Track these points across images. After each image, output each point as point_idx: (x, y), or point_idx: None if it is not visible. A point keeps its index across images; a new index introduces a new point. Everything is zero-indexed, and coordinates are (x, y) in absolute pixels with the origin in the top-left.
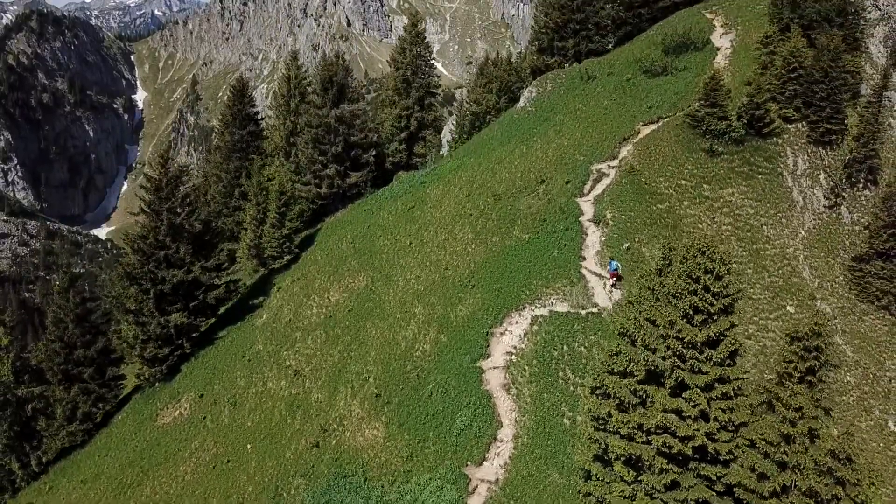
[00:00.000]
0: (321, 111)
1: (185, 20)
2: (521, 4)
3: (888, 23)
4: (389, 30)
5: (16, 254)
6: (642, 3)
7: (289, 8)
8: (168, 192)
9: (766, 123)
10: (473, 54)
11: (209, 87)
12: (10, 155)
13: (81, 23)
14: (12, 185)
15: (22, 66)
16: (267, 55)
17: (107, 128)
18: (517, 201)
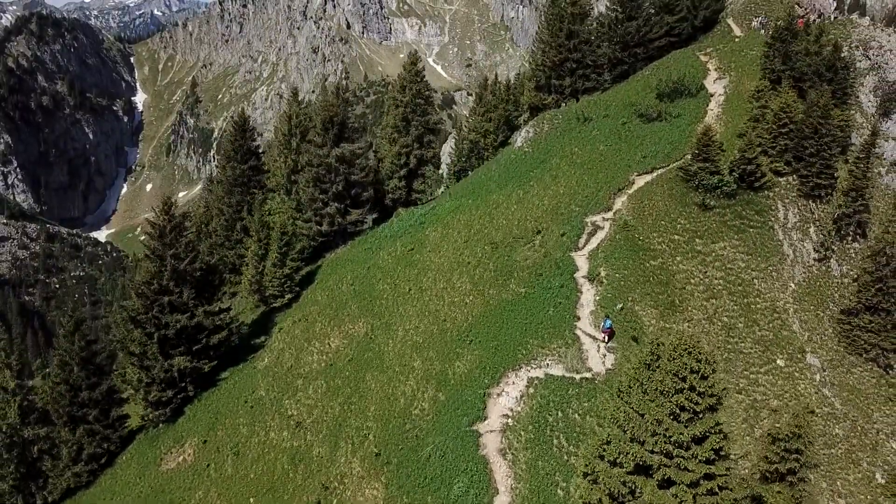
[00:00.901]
0: (322, 151)
1: (185, 22)
2: (521, 7)
3: (878, 73)
4: (389, 32)
5: (16, 257)
6: (637, 43)
7: (288, 10)
8: (172, 238)
9: (757, 177)
10: (473, 56)
11: (209, 89)
12: (10, 158)
13: (81, 25)
14: (12, 188)
15: (22, 69)
16: (266, 57)
17: (106, 130)
18: (514, 251)
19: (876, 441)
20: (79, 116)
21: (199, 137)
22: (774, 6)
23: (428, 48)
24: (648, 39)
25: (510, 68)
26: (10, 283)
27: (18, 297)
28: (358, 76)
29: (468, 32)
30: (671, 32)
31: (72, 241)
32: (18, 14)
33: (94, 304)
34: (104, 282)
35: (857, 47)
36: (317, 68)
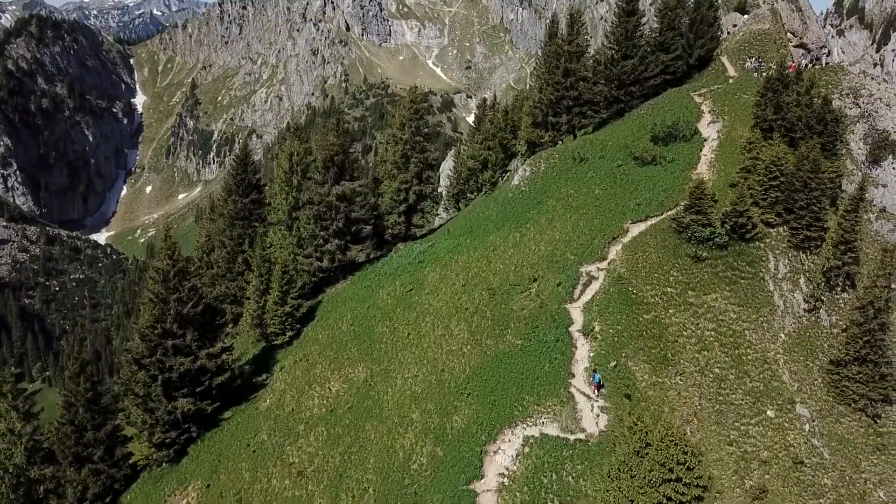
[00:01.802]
0: (322, 189)
1: (185, 24)
2: (520, 9)
3: (868, 121)
4: (388, 34)
5: (16, 260)
6: (633, 82)
7: (288, 12)
8: (176, 283)
9: (748, 229)
10: (472, 58)
11: (208, 91)
12: (10, 160)
13: (81, 27)
14: (12, 191)
15: (21, 71)
16: (266, 59)
17: (106, 132)
18: (511, 299)
19: (864, 490)
20: (78, 118)
21: (198, 139)
22: (767, 46)
23: (427, 50)
24: (644, 78)
25: (509, 70)
26: (10, 286)
27: (18, 301)
28: (357, 78)
29: (467, 34)
30: (667, 70)
31: (72, 244)
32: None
33: (94, 307)
34: (104, 284)
35: (847, 95)
36: (316, 70)
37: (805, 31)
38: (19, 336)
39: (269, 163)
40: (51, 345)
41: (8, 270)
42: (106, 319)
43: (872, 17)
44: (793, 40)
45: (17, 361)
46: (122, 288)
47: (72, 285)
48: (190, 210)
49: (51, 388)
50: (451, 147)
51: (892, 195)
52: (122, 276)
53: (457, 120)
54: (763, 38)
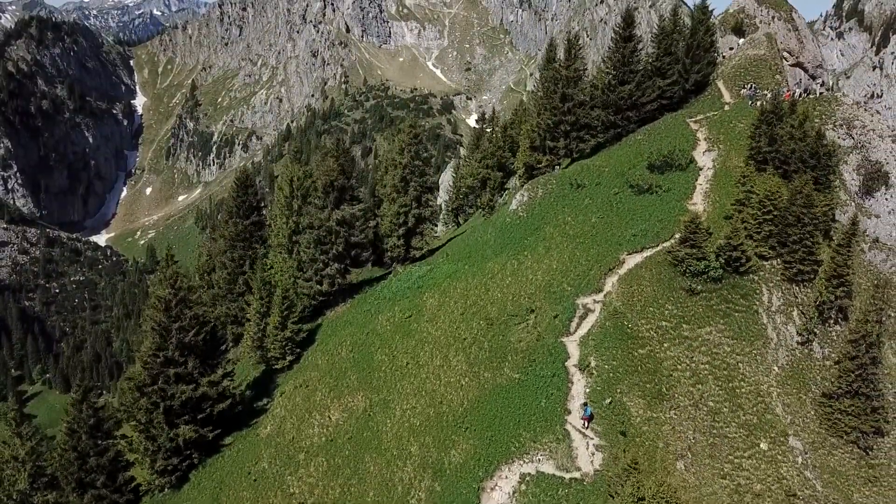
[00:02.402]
0: (323, 214)
1: (185, 25)
2: (520, 10)
3: (861, 152)
4: (388, 36)
5: (16, 262)
6: (630, 107)
7: (288, 14)
8: (178, 311)
9: (742, 262)
10: (472, 60)
11: (208, 92)
12: (10, 162)
13: (81, 28)
14: (12, 193)
15: (21, 73)
16: (266, 61)
17: (106, 134)
18: (508, 330)
19: None
20: (78, 120)
21: (198, 141)
22: (763, 72)
23: (427, 52)
24: (641, 103)
25: (509, 72)
26: (10, 288)
27: (18, 303)
28: (357, 80)
29: (467, 36)
30: (663, 95)
31: (72, 246)
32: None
33: (94, 309)
34: (104, 286)
35: (840, 126)
36: (316, 72)
37: (801, 50)
38: (19, 338)
39: (269, 165)
40: (51, 347)
41: (8, 272)
42: (106, 321)
43: (872, 20)
44: (789, 59)
45: (17, 363)
46: (122, 290)
47: (72, 287)
48: (190, 212)
49: (51, 390)
50: (451, 149)
51: (885, 225)
52: (122, 278)
53: (456, 122)
54: (758, 63)
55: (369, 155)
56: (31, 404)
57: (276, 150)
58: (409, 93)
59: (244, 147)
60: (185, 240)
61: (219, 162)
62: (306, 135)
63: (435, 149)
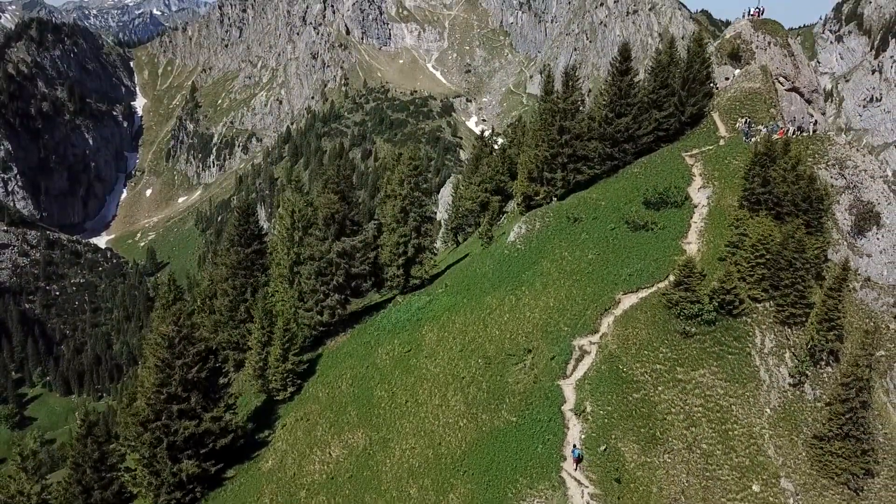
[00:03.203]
0: (323, 246)
1: (185, 26)
2: (520, 12)
3: (853, 192)
4: (388, 38)
5: (16, 264)
6: (627, 139)
7: (288, 16)
8: (181, 348)
9: (735, 305)
10: (472, 62)
11: (208, 94)
12: (10, 165)
13: (81, 30)
14: (12, 195)
15: (22, 75)
16: (266, 63)
17: (106, 135)
18: (506, 370)
19: None
20: (79, 122)
21: (198, 143)
22: (758, 106)
23: (427, 54)
24: (637, 136)
25: (509, 74)
26: (10, 291)
27: (19, 305)
28: (357, 82)
29: (467, 38)
30: (660, 128)
31: (72, 248)
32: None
33: (94, 312)
34: (104, 289)
35: (833, 165)
36: (316, 74)
37: (797, 75)
38: (20, 341)
39: (269, 167)
40: (51, 349)
41: (8, 275)
42: (106, 324)
43: (871, 24)
44: (785, 84)
45: (17, 366)
46: (122, 292)
47: (72, 289)
48: (190, 214)
49: (51, 392)
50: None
51: (877, 264)
52: (122, 281)
53: (456, 124)
54: (753, 97)
55: (369, 157)
56: (31, 407)
57: (276, 152)
58: (409, 95)
59: (244, 149)
60: (185, 242)
61: (219, 164)
62: (306, 137)
63: (435, 151)
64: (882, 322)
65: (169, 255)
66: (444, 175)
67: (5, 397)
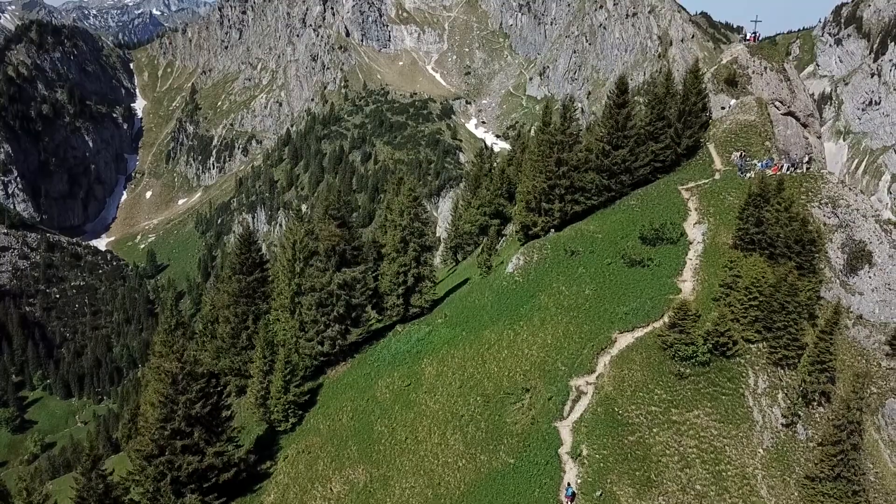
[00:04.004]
0: (324, 277)
1: (185, 28)
2: (519, 14)
3: (846, 230)
4: (388, 40)
5: (16, 267)
6: (624, 171)
7: (287, 17)
8: (184, 384)
9: (729, 347)
10: (472, 64)
11: (208, 95)
12: (10, 167)
13: (81, 32)
14: (12, 198)
15: (22, 78)
16: (266, 65)
17: (106, 137)
18: (504, 409)
19: None
20: (79, 124)
21: (198, 145)
22: (753, 139)
23: (427, 56)
24: (634, 168)
25: (509, 76)
26: (10, 294)
27: (19, 308)
28: (357, 84)
29: (467, 40)
30: (656, 159)
31: (72, 251)
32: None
33: (95, 315)
34: (104, 291)
35: (826, 204)
36: (316, 76)
37: (793, 99)
38: (20, 344)
39: (269, 169)
40: (51, 352)
41: (9, 278)
42: (106, 327)
43: (870, 27)
44: (781, 108)
45: (17, 369)
46: (122, 295)
47: (72, 292)
48: (190, 216)
49: (52, 395)
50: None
51: (868, 302)
52: (122, 283)
53: (456, 127)
54: (749, 129)
55: (369, 160)
56: (31, 410)
57: (275, 154)
58: (409, 97)
59: (244, 151)
60: (186, 244)
61: (219, 166)
62: (306, 140)
63: (434, 154)
64: (873, 359)
65: (169, 257)
66: (443, 178)
67: (5, 400)
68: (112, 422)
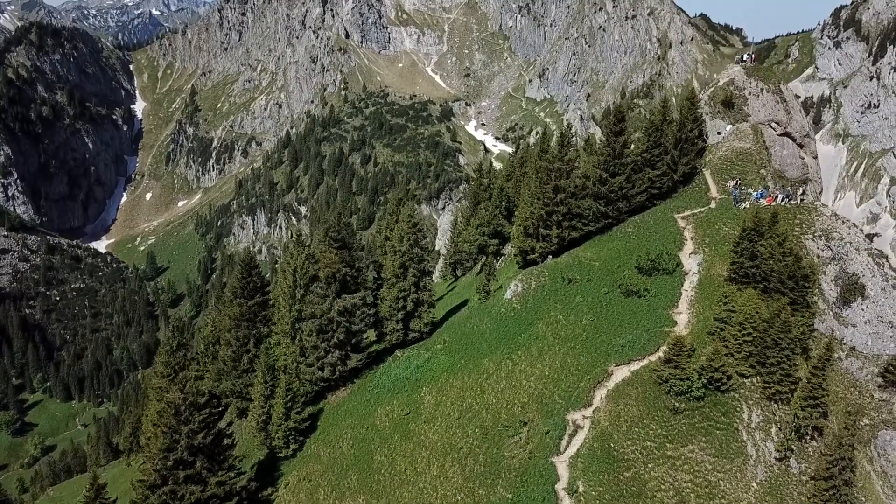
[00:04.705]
0: (324, 304)
1: (184, 30)
2: (519, 16)
3: (839, 263)
4: (388, 41)
5: (16, 269)
6: (621, 197)
7: (287, 19)
8: (187, 415)
9: (723, 382)
10: (471, 66)
11: (208, 97)
12: (10, 170)
13: (80, 33)
14: (12, 200)
15: (21, 80)
16: (266, 66)
17: (106, 139)
18: (502, 442)
19: None
20: (78, 126)
21: (198, 146)
22: (748, 167)
23: (426, 57)
24: (631, 195)
25: (508, 78)
26: (10, 297)
27: (19, 311)
28: (356, 86)
29: (466, 41)
30: (653, 186)
31: (72, 253)
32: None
33: (94, 317)
34: (104, 293)
35: (819, 237)
36: (315, 78)
37: (789, 120)
38: (20, 347)
39: (269, 171)
40: (52, 355)
41: (9, 280)
42: (106, 329)
43: (869, 30)
44: (777, 129)
45: (18, 372)
46: (122, 297)
47: (72, 295)
48: (190, 218)
49: (52, 398)
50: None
51: (861, 335)
52: (122, 285)
53: (455, 129)
54: (744, 157)
55: (369, 163)
56: (31, 413)
57: (275, 156)
58: (409, 99)
59: (244, 153)
60: (185, 246)
61: (219, 167)
62: (306, 142)
63: (434, 157)
64: (866, 391)
65: (169, 259)
66: (443, 180)
67: (6, 403)
68: (112, 425)
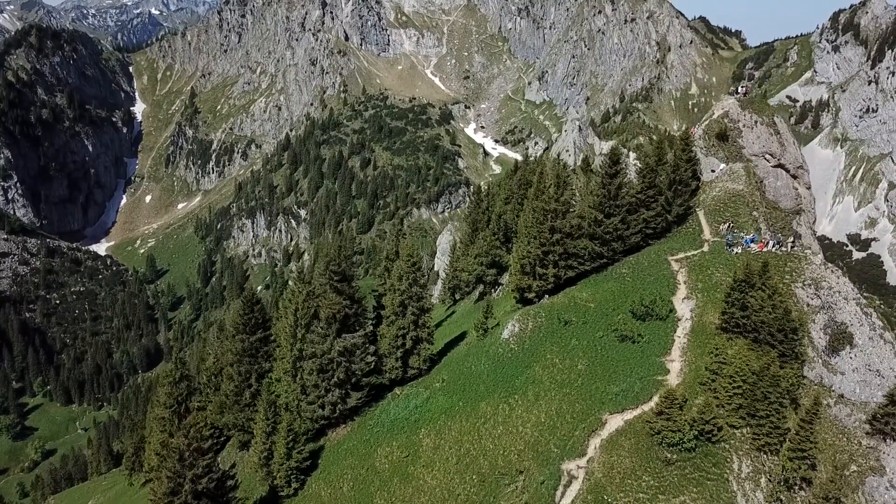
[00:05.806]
0: (324, 344)
1: (184, 31)
2: (518, 18)
3: (828, 312)
4: (387, 44)
5: (16, 273)
6: (616, 238)
7: (287, 21)
8: (191, 460)
9: (714, 433)
10: (471, 68)
11: (207, 99)
12: (10, 172)
13: (80, 35)
14: (12, 203)
15: (21, 82)
16: (265, 69)
17: (106, 142)
18: (499, 490)
19: None
20: (78, 129)
21: (197, 149)
22: (741, 210)
23: (426, 59)
24: (626, 236)
25: (508, 80)
26: (10, 300)
27: (19, 315)
28: (356, 88)
29: (466, 44)
30: (648, 226)
31: (72, 256)
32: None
33: (94, 320)
34: (104, 297)
35: (809, 285)
36: (315, 80)
37: (783, 152)
38: (20, 350)
39: (268, 174)
40: (52, 359)
41: (9, 284)
42: (106, 332)
43: (868, 34)
44: (771, 161)
45: (18, 376)
46: (122, 300)
47: (72, 298)
48: (189, 220)
49: (52, 402)
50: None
51: (850, 382)
52: (121, 288)
53: (455, 132)
54: (737, 199)
55: (368, 166)
56: (32, 417)
57: (275, 159)
58: (408, 102)
59: (243, 155)
60: (185, 248)
61: (218, 170)
62: (305, 145)
63: (434, 160)
64: (854, 438)
65: (168, 262)
66: (442, 184)
67: (6, 407)
68: (112, 430)
